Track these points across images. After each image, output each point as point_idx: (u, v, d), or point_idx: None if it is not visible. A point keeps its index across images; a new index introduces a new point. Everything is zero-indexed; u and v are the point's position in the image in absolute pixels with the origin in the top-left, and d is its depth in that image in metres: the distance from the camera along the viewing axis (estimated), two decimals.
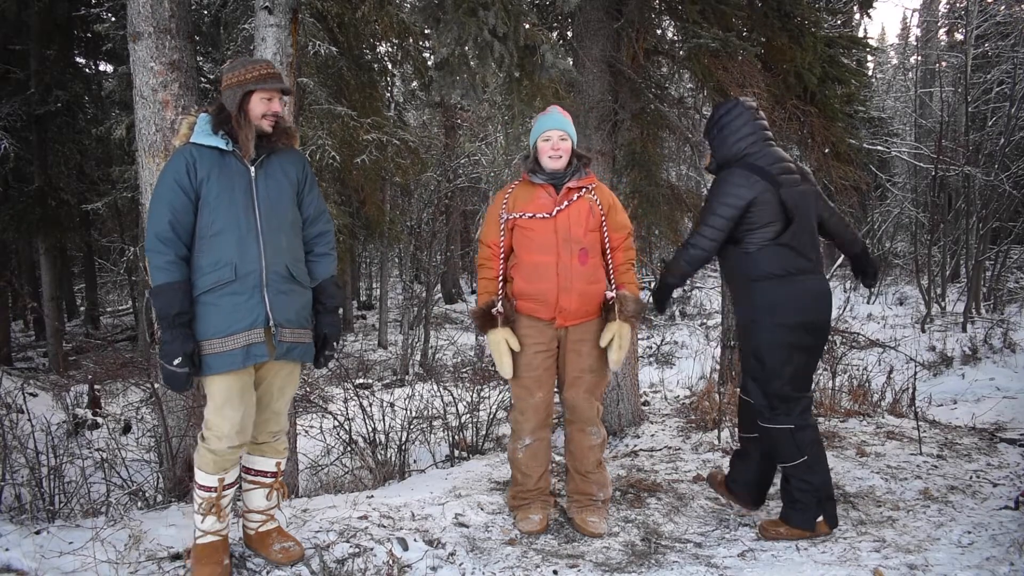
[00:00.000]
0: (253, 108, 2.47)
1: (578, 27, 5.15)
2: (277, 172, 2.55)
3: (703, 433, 4.83)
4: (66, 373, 9.62)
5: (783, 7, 4.84)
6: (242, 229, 2.43)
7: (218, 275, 2.39)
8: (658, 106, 5.02)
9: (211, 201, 2.40)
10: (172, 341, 2.32)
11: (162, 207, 2.37)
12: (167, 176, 2.40)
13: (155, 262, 2.33)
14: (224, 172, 2.44)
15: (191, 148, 2.44)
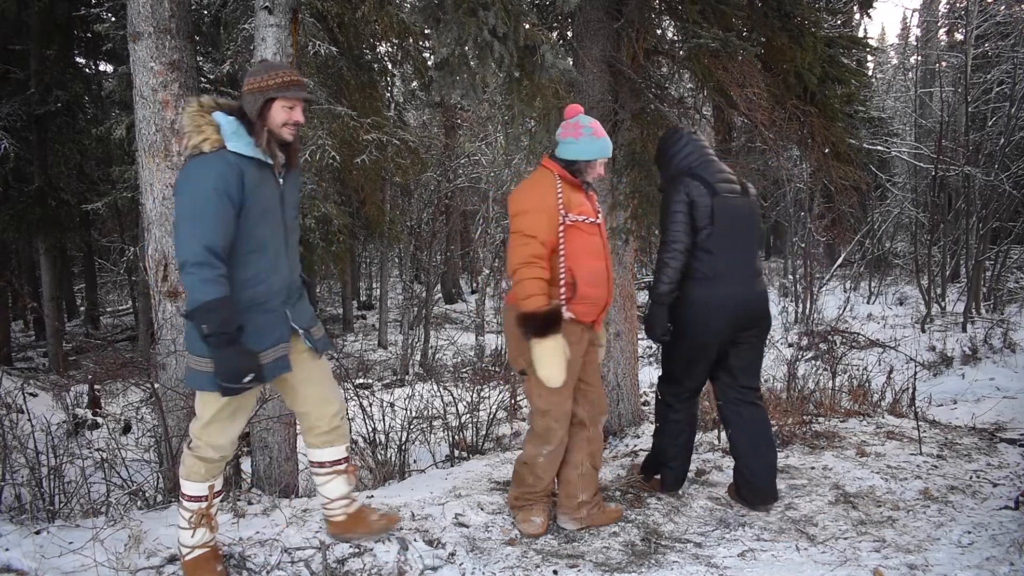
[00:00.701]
0: (274, 116, 2.35)
1: (578, 27, 5.15)
2: (295, 182, 2.53)
3: (703, 433, 4.83)
4: (66, 373, 9.63)
5: (783, 7, 4.84)
6: (276, 246, 2.41)
7: (255, 292, 2.36)
8: (658, 106, 5.03)
9: (253, 216, 2.31)
10: (236, 358, 2.23)
11: (212, 218, 2.21)
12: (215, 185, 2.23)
13: (205, 275, 2.19)
14: (263, 187, 2.36)
15: (235, 158, 2.29)
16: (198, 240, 2.19)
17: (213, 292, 2.18)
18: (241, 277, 2.33)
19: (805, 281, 12.90)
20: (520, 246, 2.82)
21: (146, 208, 3.39)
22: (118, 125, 11.36)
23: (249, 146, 2.32)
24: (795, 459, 4.04)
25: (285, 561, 2.63)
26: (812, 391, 5.53)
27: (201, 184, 2.23)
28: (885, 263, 16.80)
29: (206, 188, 2.22)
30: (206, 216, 2.21)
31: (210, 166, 2.25)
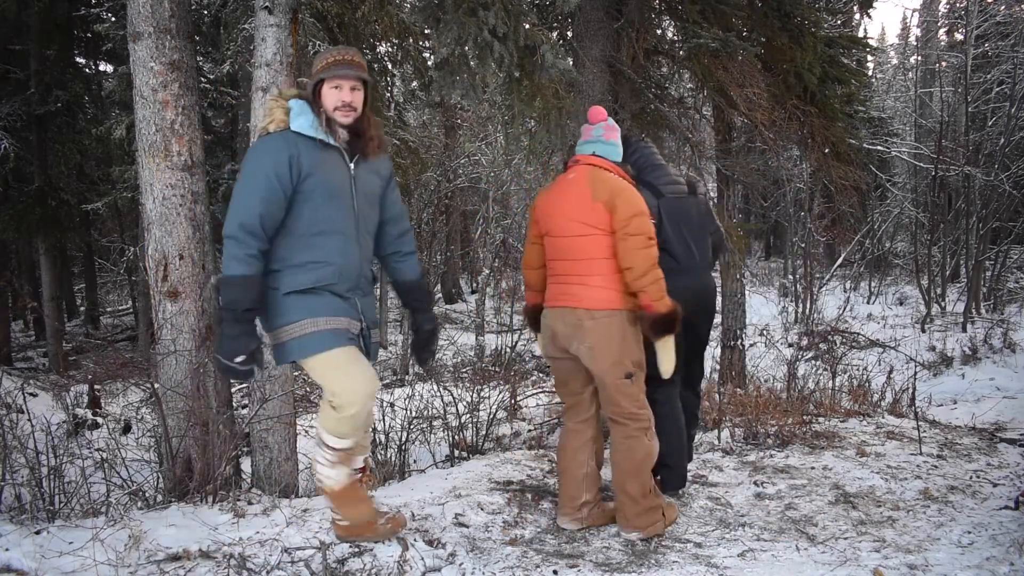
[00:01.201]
0: (325, 99, 2.34)
1: (578, 27, 5.15)
2: (371, 170, 2.49)
3: (703, 433, 4.83)
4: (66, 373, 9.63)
5: (783, 7, 4.84)
6: (346, 231, 2.38)
7: (318, 275, 2.34)
8: (658, 106, 5.03)
9: (316, 198, 2.31)
10: (237, 337, 2.24)
11: (253, 197, 2.25)
12: (264, 163, 2.27)
13: (234, 251, 2.23)
14: (329, 168, 2.34)
15: (294, 138, 2.30)
16: (237, 216, 2.23)
17: (235, 268, 2.22)
18: (304, 258, 2.32)
19: (805, 281, 12.91)
20: (645, 248, 2.80)
21: (146, 208, 3.39)
22: (118, 125, 11.36)
23: (311, 126, 2.32)
24: (795, 459, 4.05)
25: (285, 561, 2.63)
26: (812, 391, 5.54)
27: (254, 161, 2.30)
28: (885, 263, 16.80)
29: (256, 165, 2.28)
30: (250, 194, 2.25)
31: (267, 145, 2.31)
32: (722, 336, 7.03)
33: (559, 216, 2.93)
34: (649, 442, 2.98)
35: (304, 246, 2.33)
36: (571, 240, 2.90)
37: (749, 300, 10.09)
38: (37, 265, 13.20)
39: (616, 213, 2.82)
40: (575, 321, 2.87)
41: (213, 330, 2.41)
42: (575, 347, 2.89)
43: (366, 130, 2.42)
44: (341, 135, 2.39)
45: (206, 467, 3.21)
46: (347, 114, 2.35)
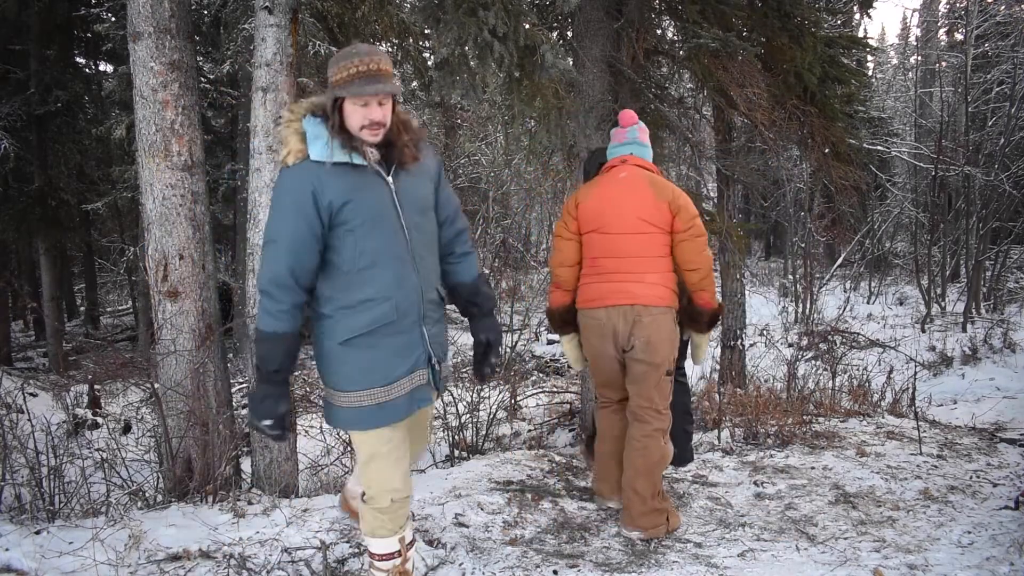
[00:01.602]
0: (349, 117, 1.98)
1: (578, 27, 5.14)
2: (417, 176, 2.12)
3: (703, 433, 4.83)
4: (66, 373, 9.62)
5: (783, 7, 4.84)
6: (398, 257, 2.05)
7: (374, 315, 2.03)
8: (658, 106, 5.03)
9: (356, 229, 1.99)
10: (264, 399, 2.02)
11: (280, 248, 1.97)
12: (285, 206, 1.98)
13: (266, 306, 2.00)
14: (365, 192, 2.00)
15: (315, 168, 1.97)
16: (268, 268, 2.00)
17: (267, 324, 2.00)
18: (356, 297, 2.03)
19: (805, 281, 12.90)
20: (706, 249, 2.95)
21: (146, 208, 3.39)
22: (118, 125, 11.36)
23: (331, 150, 1.98)
24: (795, 459, 4.05)
25: (285, 561, 2.63)
26: (812, 391, 5.54)
27: (276, 204, 2.02)
28: (885, 263, 16.80)
29: (279, 210, 2.01)
30: (278, 241, 1.99)
31: (285, 183, 2.01)
32: (722, 336, 7.03)
33: (617, 213, 2.96)
34: (664, 445, 3.02)
35: (354, 283, 2.02)
36: (629, 237, 2.94)
37: (749, 300, 10.09)
38: (37, 265, 13.19)
39: (680, 214, 2.93)
40: (634, 317, 2.91)
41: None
42: (631, 342, 2.94)
43: (398, 137, 2.06)
44: (371, 154, 2.02)
45: (206, 467, 3.21)
46: (376, 132, 1.99)
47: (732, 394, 5.56)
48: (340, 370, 2.07)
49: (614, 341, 2.97)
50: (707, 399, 5.52)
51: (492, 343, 2.28)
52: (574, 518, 3.20)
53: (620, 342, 2.97)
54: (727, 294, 6.91)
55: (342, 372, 2.06)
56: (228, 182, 12.62)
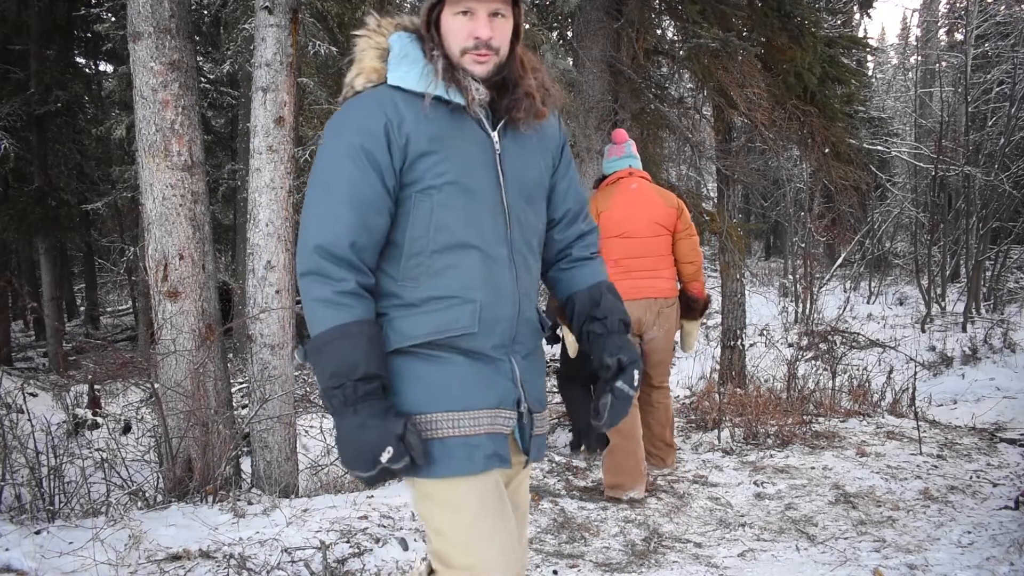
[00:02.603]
0: (448, 35, 1.37)
1: (578, 27, 5.15)
2: (530, 146, 1.47)
3: (703, 433, 4.83)
4: (66, 373, 9.62)
5: (783, 7, 4.84)
6: (494, 245, 1.39)
7: (445, 319, 1.36)
8: (658, 106, 5.03)
9: (436, 193, 1.35)
10: (364, 427, 1.25)
11: (339, 202, 1.32)
12: (347, 144, 1.34)
13: (320, 293, 1.30)
14: (458, 143, 1.37)
15: (393, 96, 1.36)
16: (313, 236, 1.33)
17: (329, 318, 1.29)
18: (422, 292, 1.37)
19: (805, 281, 12.90)
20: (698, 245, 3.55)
21: (146, 208, 3.39)
22: (118, 125, 11.36)
23: (421, 77, 1.36)
24: (795, 459, 4.05)
25: (285, 561, 2.63)
26: (812, 391, 5.54)
27: (332, 143, 1.38)
28: (885, 263, 16.80)
29: (336, 151, 1.36)
30: (333, 193, 1.34)
31: (351, 113, 1.38)
32: (722, 336, 7.03)
33: (638, 219, 3.46)
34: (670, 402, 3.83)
35: (421, 272, 1.37)
36: (647, 240, 3.46)
37: (749, 300, 10.08)
38: (37, 265, 13.19)
39: (682, 217, 3.52)
40: (657, 309, 3.46)
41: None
42: (652, 331, 3.48)
43: (520, 79, 1.41)
44: (476, 91, 1.37)
45: (206, 467, 3.21)
46: (483, 58, 1.36)
47: (732, 394, 5.56)
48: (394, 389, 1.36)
49: (637, 331, 3.47)
50: (707, 399, 5.52)
51: (627, 367, 1.46)
52: (574, 518, 3.20)
53: (641, 331, 3.48)
54: (727, 294, 6.91)
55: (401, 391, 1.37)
56: (228, 182, 12.63)
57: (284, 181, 3.47)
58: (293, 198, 3.55)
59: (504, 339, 1.42)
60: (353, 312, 1.30)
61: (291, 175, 3.51)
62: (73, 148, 12.10)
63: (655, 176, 4.94)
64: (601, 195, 3.55)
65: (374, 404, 1.27)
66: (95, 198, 12.04)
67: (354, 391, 1.27)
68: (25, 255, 14.26)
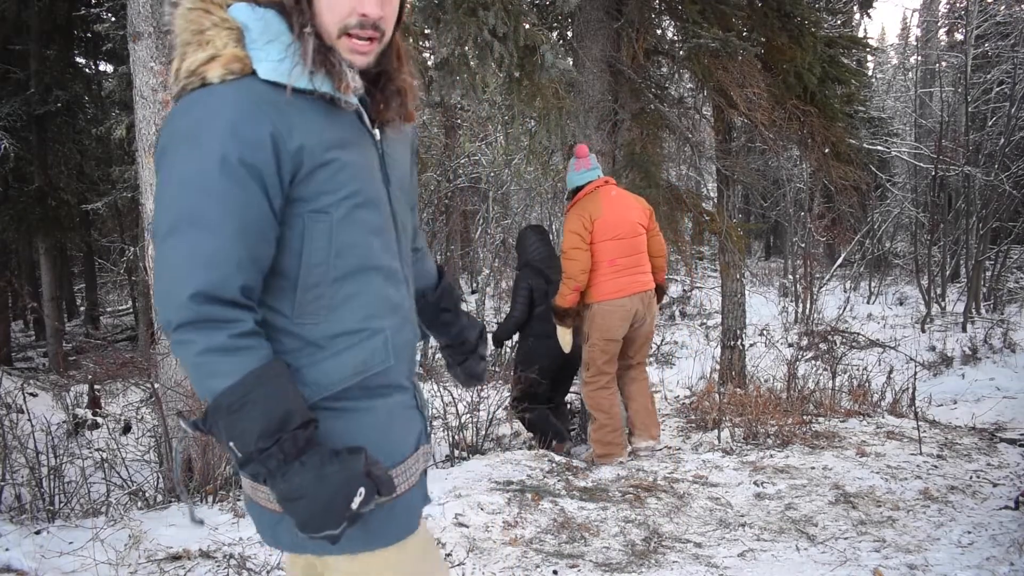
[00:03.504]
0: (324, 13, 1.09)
1: (578, 27, 5.15)
2: (399, 142, 1.29)
3: (703, 433, 4.83)
4: (66, 373, 9.62)
5: (783, 7, 4.85)
6: (389, 261, 1.22)
7: (363, 357, 1.16)
8: (658, 106, 5.03)
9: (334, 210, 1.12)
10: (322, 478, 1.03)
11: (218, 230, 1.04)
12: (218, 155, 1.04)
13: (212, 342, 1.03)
14: (350, 146, 1.15)
15: (266, 94, 1.08)
16: (188, 282, 1.03)
17: (236, 367, 1.03)
18: (330, 329, 1.15)
19: (805, 281, 12.90)
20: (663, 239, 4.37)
21: (146, 208, 3.39)
22: (118, 125, 11.35)
23: (293, 65, 1.09)
24: (795, 459, 4.04)
25: (285, 561, 2.63)
26: (812, 391, 5.54)
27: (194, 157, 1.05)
28: (885, 263, 16.79)
29: (206, 166, 1.04)
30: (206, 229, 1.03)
31: (216, 116, 1.06)
32: (722, 336, 7.03)
33: (626, 222, 3.87)
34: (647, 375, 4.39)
35: (321, 306, 1.14)
36: (634, 239, 3.89)
37: (749, 300, 10.08)
38: (37, 265, 13.19)
39: (652, 216, 4.08)
40: (648, 299, 3.99)
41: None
42: (645, 319, 3.98)
43: (396, 72, 1.20)
44: (352, 79, 1.12)
45: (206, 467, 3.21)
46: (367, 46, 1.12)
47: (732, 394, 5.56)
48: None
49: (632, 321, 3.92)
50: (707, 399, 5.52)
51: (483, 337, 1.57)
52: (574, 518, 3.20)
53: (635, 320, 3.94)
54: (727, 294, 6.91)
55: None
56: None
57: None
58: None
59: (412, 364, 1.27)
60: (259, 354, 1.05)
61: None
62: (73, 148, 12.10)
63: (655, 176, 4.95)
64: (588, 204, 3.84)
65: (319, 449, 1.05)
66: (95, 198, 12.04)
67: (294, 443, 1.02)
68: (25, 255, 14.27)
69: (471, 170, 17.29)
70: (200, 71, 1.12)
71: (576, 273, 3.81)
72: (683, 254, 6.38)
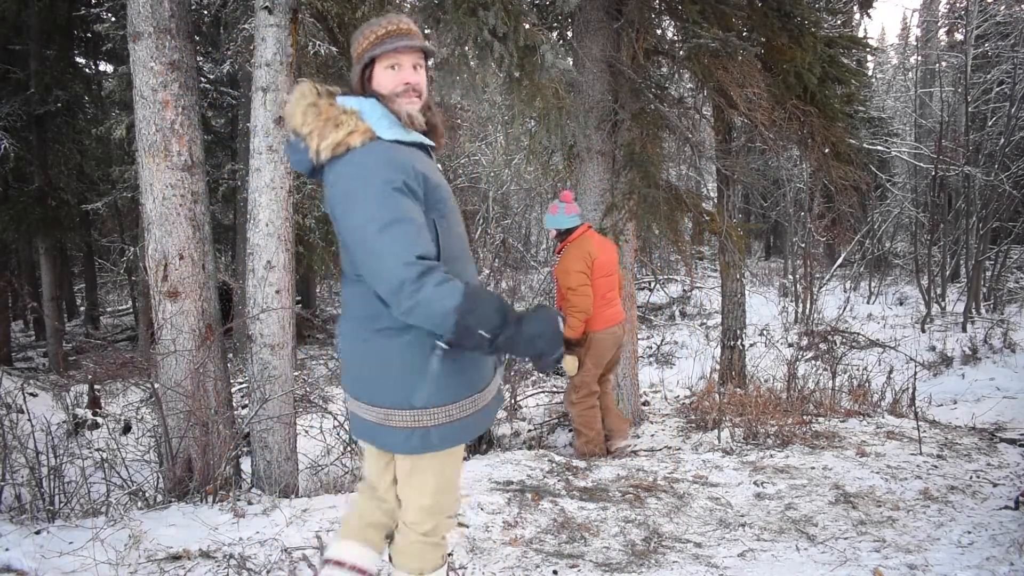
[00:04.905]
0: (379, 84, 1.74)
1: (578, 27, 5.15)
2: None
3: (703, 433, 4.83)
4: (66, 373, 9.62)
5: (783, 7, 4.84)
6: (467, 255, 1.85)
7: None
8: (658, 106, 5.02)
9: (448, 215, 1.75)
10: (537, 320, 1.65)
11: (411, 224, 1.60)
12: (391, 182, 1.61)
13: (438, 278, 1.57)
14: (437, 174, 1.77)
15: (391, 145, 1.69)
16: (411, 249, 1.58)
17: (458, 290, 1.57)
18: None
19: (805, 281, 12.90)
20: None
21: (146, 208, 3.39)
22: (118, 125, 11.37)
23: (401, 128, 1.73)
24: (795, 459, 4.04)
25: (285, 561, 2.63)
26: (812, 391, 5.54)
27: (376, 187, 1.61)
28: (885, 263, 16.79)
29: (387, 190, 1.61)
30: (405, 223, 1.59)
31: (378, 161, 1.64)
32: (722, 336, 7.03)
33: (612, 262, 4.41)
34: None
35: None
36: (614, 276, 4.42)
37: (749, 300, 10.08)
38: (37, 265, 13.20)
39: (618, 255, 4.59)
40: (626, 326, 4.61)
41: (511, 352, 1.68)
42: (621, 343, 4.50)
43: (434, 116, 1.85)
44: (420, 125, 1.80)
45: (206, 467, 3.21)
46: (414, 100, 1.76)
47: (732, 394, 5.56)
48: (440, 382, 1.72)
49: (617, 345, 4.43)
50: (707, 399, 5.52)
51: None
52: (574, 518, 3.20)
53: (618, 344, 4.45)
54: (727, 294, 6.91)
55: (442, 383, 1.73)
56: (228, 182, 12.63)
57: (284, 181, 3.47)
58: (293, 198, 3.55)
59: None
60: (460, 281, 1.61)
61: (291, 175, 3.51)
62: (73, 148, 12.10)
63: (655, 176, 4.94)
64: (585, 244, 4.29)
65: (527, 312, 1.67)
66: (95, 198, 12.05)
67: (514, 313, 1.64)
68: (25, 255, 14.26)
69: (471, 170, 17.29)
70: (345, 141, 1.67)
71: (587, 307, 4.22)
72: (683, 254, 6.37)
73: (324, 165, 1.70)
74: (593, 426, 4.42)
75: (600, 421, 4.46)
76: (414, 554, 1.93)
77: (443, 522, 1.94)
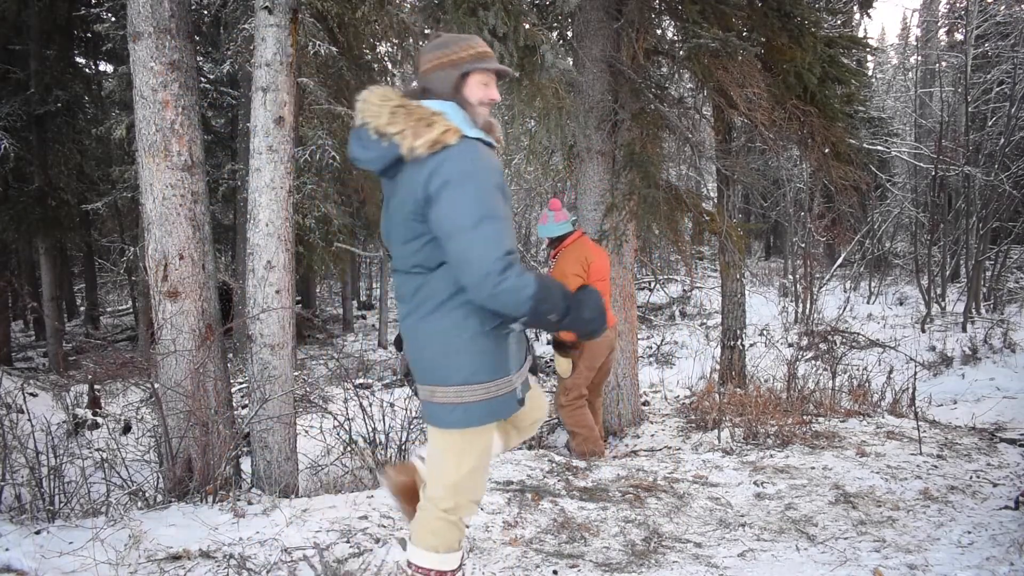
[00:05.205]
0: (470, 92, 1.97)
1: (578, 27, 5.15)
2: None
3: (703, 433, 4.83)
4: (66, 373, 9.62)
5: (783, 7, 4.84)
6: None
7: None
8: (658, 106, 5.02)
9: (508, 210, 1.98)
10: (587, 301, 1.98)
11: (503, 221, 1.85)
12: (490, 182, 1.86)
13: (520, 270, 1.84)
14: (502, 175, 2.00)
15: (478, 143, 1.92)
16: (503, 245, 1.82)
17: (534, 279, 1.85)
18: None
19: (805, 281, 12.90)
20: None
21: (146, 208, 3.39)
22: (118, 125, 11.37)
23: (479, 130, 1.97)
24: (795, 459, 4.04)
25: (285, 561, 2.63)
26: (812, 391, 5.53)
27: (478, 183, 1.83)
28: (885, 263, 16.79)
29: (487, 188, 1.84)
30: (499, 220, 1.84)
31: (479, 160, 1.86)
32: (722, 336, 7.03)
33: (606, 267, 4.47)
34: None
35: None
36: (607, 280, 4.48)
37: (749, 300, 10.09)
38: (37, 265, 13.20)
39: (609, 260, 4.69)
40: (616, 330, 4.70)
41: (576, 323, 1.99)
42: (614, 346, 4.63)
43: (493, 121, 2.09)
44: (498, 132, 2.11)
45: (206, 467, 3.21)
46: (487, 112, 2.05)
47: (732, 394, 5.56)
48: (479, 360, 1.94)
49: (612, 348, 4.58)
50: (707, 399, 5.52)
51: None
52: (574, 518, 3.20)
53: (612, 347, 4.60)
54: (727, 294, 6.91)
55: (480, 362, 1.94)
56: (228, 182, 12.63)
57: (284, 181, 3.47)
58: (293, 198, 3.55)
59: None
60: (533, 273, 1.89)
61: (291, 175, 3.51)
62: (73, 148, 12.11)
63: (655, 176, 4.95)
64: (579, 250, 4.36)
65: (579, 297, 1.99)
66: (95, 198, 12.05)
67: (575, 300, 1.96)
68: (25, 255, 14.27)
69: None
70: (441, 139, 1.84)
71: None
72: (683, 254, 6.37)
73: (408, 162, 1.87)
74: (585, 423, 4.45)
75: (591, 417, 4.50)
76: (434, 530, 2.10)
77: (465, 504, 2.09)
